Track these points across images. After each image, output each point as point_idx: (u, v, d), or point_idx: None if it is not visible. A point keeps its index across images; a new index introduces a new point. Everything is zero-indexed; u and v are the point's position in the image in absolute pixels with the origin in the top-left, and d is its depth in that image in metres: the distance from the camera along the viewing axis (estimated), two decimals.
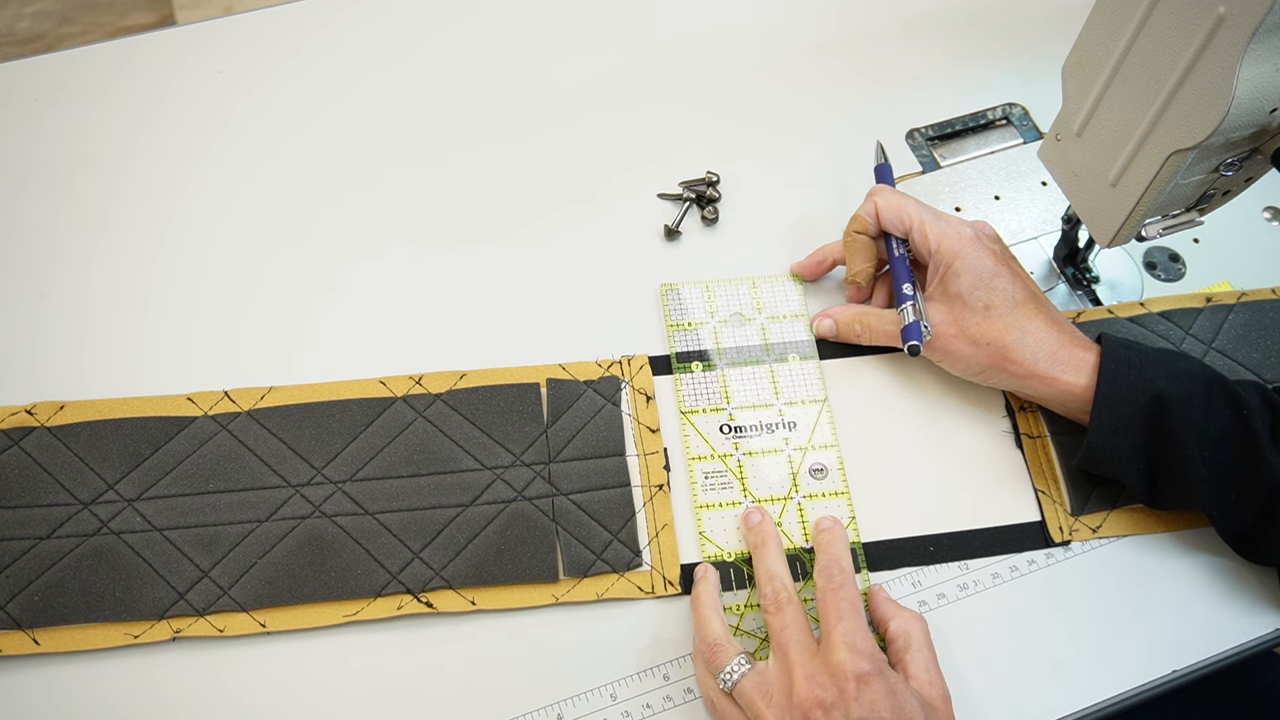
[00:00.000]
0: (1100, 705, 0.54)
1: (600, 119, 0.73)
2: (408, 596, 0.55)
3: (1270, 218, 0.70)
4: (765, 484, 0.59)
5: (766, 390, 0.61)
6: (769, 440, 0.60)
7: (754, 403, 0.61)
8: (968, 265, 0.58)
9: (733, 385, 0.62)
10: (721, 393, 0.61)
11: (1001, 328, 0.57)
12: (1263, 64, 0.47)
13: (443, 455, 0.58)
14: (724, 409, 0.61)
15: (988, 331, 0.57)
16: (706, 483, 0.59)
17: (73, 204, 0.68)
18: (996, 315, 0.57)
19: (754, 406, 0.61)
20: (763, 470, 0.59)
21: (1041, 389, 0.57)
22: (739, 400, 0.61)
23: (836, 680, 0.47)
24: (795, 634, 0.50)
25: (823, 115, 0.74)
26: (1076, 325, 0.63)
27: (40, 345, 0.63)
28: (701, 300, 0.65)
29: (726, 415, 0.61)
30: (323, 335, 0.64)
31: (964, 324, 0.58)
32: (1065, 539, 0.57)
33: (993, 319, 0.57)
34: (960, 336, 0.58)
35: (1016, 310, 0.57)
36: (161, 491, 0.57)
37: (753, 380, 0.62)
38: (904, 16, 0.79)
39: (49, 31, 1.59)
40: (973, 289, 0.57)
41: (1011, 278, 0.58)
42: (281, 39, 0.77)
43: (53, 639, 0.53)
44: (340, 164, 0.71)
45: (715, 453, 0.59)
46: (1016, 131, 0.73)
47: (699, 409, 0.61)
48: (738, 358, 0.62)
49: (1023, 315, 0.57)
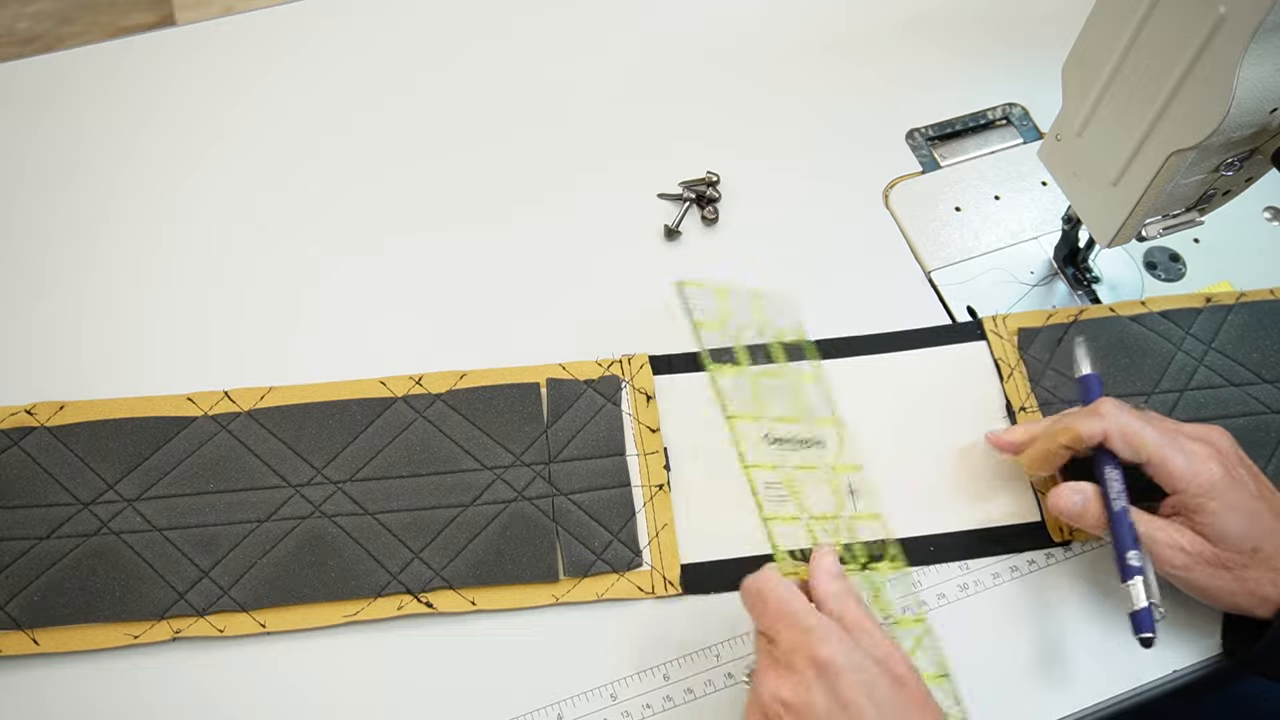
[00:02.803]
0: (1100, 705, 0.53)
1: (600, 119, 0.73)
2: (408, 597, 0.55)
3: (1270, 218, 0.70)
4: (814, 502, 0.56)
5: (792, 405, 0.59)
6: (806, 456, 0.58)
7: (784, 416, 0.59)
8: (1227, 505, 0.51)
9: (763, 394, 0.59)
10: (753, 401, 0.59)
11: (1274, 572, 0.50)
12: (1263, 64, 0.47)
13: (443, 455, 0.58)
14: (761, 418, 0.58)
15: (1254, 575, 0.50)
16: (769, 493, 0.56)
17: (72, 204, 0.68)
18: (1264, 558, 0.50)
19: (785, 421, 0.59)
20: (808, 487, 0.57)
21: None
22: (770, 410, 0.59)
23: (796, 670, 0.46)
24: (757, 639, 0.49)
25: (823, 115, 0.74)
26: (1077, 324, 0.63)
27: (40, 345, 0.63)
28: (714, 302, 0.61)
29: (765, 425, 0.58)
30: (323, 335, 0.64)
31: (1226, 561, 0.51)
32: (1065, 539, 0.57)
33: (1259, 562, 0.50)
34: (1219, 572, 0.51)
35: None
36: (161, 491, 0.57)
37: (779, 393, 0.59)
38: (904, 16, 0.79)
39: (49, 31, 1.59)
40: (1236, 533, 0.51)
41: (1271, 511, 0.52)
42: (281, 39, 0.77)
43: (52, 639, 0.53)
44: (340, 163, 0.71)
45: (766, 463, 0.57)
46: (1016, 131, 0.73)
47: (743, 414, 0.58)
48: (763, 369, 0.60)
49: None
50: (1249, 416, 0.60)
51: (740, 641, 0.55)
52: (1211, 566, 0.51)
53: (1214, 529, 0.51)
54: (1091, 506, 0.53)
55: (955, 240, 0.68)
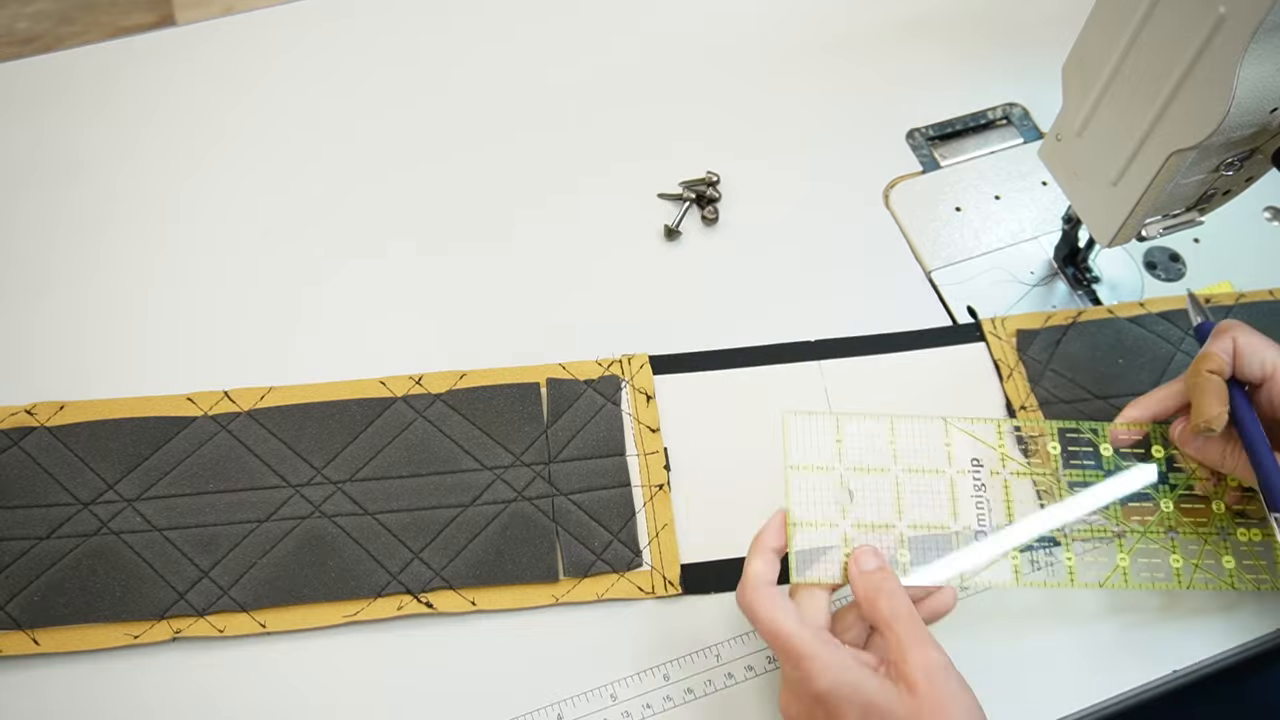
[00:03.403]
0: (1100, 705, 0.53)
1: (600, 119, 0.73)
2: (408, 597, 0.55)
3: (1270, 218, 0.70)
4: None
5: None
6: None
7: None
8: None
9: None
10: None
11: None
12: (1263, 64, 0.47)
13: (443, 455, 0.58)
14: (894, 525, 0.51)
15: None
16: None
17: (72, 204, 0.68)
18: None
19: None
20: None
21: None
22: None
23: (800, 696, 0.46)
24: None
25: (823, 115, 0.74)
26: (1077, 324, 0.63)
27: (40, 345, 0.63)
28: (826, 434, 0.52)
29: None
30: (322, 335, 0.64)
31: None
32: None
33: None
34: None
35: None
36: (161, 491, 0.57)
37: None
38: (904, 16, 0.79)
39: (49, 31, 1.59)
40: None
41: None
42: (281, 39, 0.77)
43: (52, 639, 0.53)
44: (340, 163, 0.71)
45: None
46: (1016, 131, 0.73)
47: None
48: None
49: None
50: None
51: (740, 641, 0.55)
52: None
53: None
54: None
55: (955, 240, 0.68)
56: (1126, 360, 0.62)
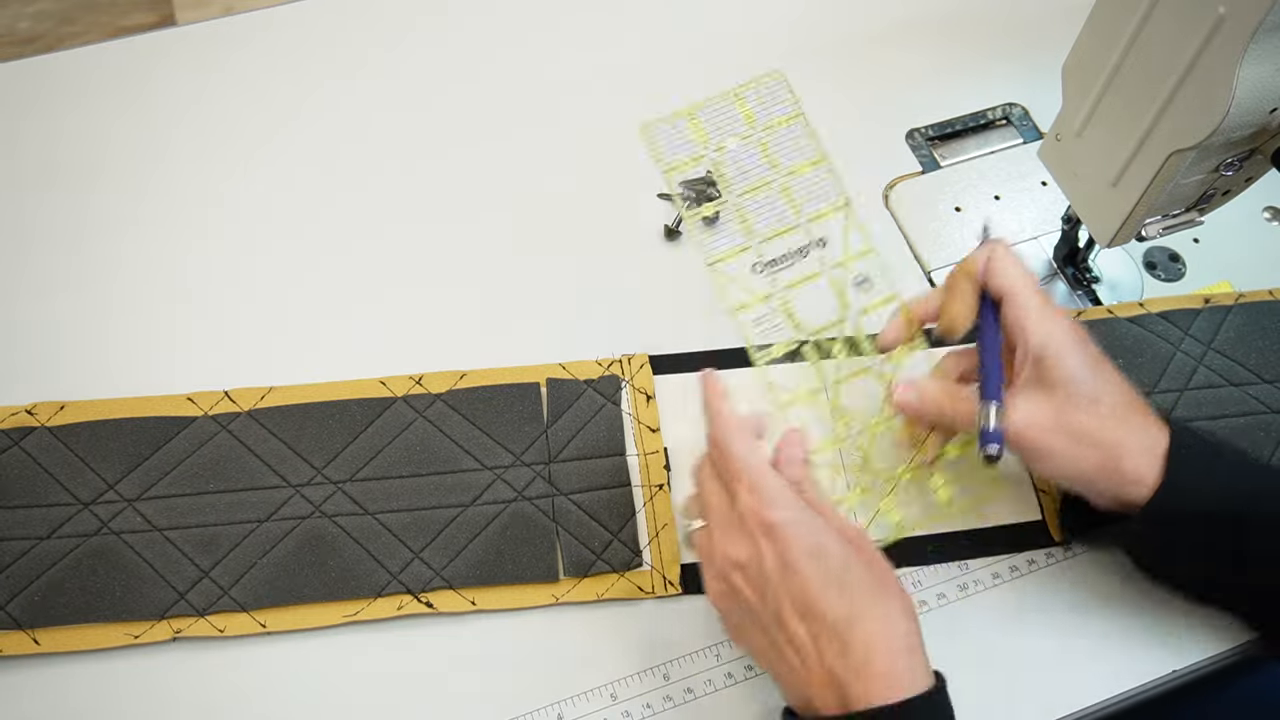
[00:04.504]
0: (1100, 705, 0.54)
1: (600, 119, 0.73)
2: (408, 596, 0.55)
3: (1270, 218, 0.70)
4: (816, 313, 0.56)
5: (786, 212, 0.55)
6: (804, 266, 0.56)
7: (777, 229, 0.55)
8: (1071, 350, 0.50)
9: (751, 217, 0.55)
10: (741, 229, 0.56)
11: (1113, 425, 0.49)
12: (1263, 64, 0.47)
13: (443, 455, 0.58)
14: (749, 247, 0.55)
15: (1095, 429, 0.49)
16: (757, 331, 0.55)
17: (72, 204, 0.68)
18: (1106, 412, 0.49)
19: (778, 234, 0.56)
20: (808, 299, 0.56)
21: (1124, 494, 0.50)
22: (762, 230, 0.55)
23: (748, 533, 0.46)
24: (713, 489, 0.49)
25: (823, 115, 0.74)
26: None
27: (41, 345, 0.63)
28: (688, 132, 0.56)
29: (754, 253, 0.56)
30: (323, 335, 0.64)
31: (1065, 417, 0.49)
32: (1065, 539, 0.57)
33: (1101, 415, 0.49)
34: (1059, 431, 0.49)
35: (1130, 408, 0.50)
36: (162, 491, 0.57)
37: (769, 205, 0.55)
38: (903, 17, 0.79)
39: (49, 31, 1.59)
40: (1078, 377, 0.49)
41: (1118, 372, 0.51)
42: (282, 39, 0.77)
43: (53, 639, 0.53)
44: (340, 163, 0.71)
45: (755, 296, 0.55)
46: (1016, 131, 0.73)
47: (724, 255, 0.56)
48: (745, 184, 0.56)
49: (1136, 414, 0.50)
50: (1248, 416, 0.60)
51: None
52: (1059, 435, 0.50)
53: (1057, 372, 0.50)
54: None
55: (955, 240, 0.68)
56: (1126, 360, 0.62)
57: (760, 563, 0.46)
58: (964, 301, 0.53)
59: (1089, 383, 0.50)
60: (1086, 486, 0.51)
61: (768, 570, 0.45)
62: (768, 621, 0.45)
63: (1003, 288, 0.52)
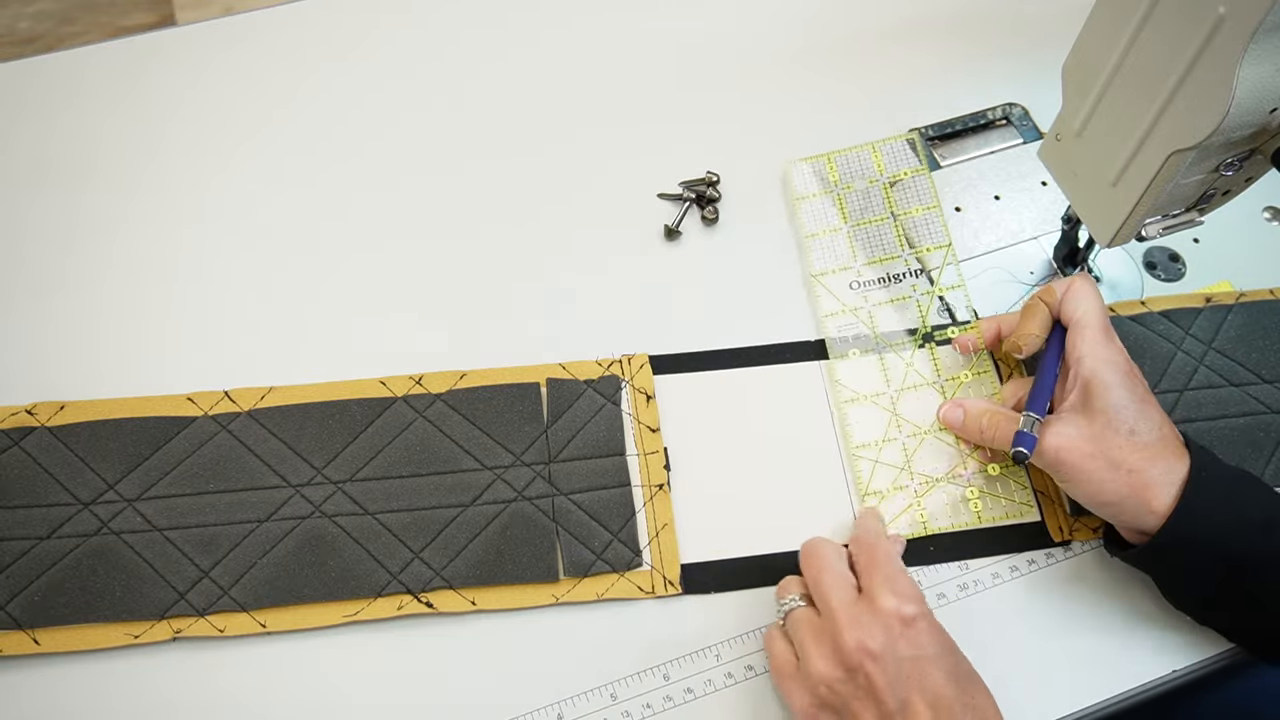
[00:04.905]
0: (1100, 705, 0.54)
1: (601, 119, 0.73)
2: (408, 596, 0.55)
3: (1270, 218, 0.70)
4: (896, 329, 0.63)
5: (893, 243, 0.65)
6: (898, 289, 0.64)
7: (880, 256, 0.65)
8: (1119, 381, 0.53)
9: (859, 242, 0.66)
10: (849, 250, 0.66)
11: (1148, 458, 0.51)
12: (1263, 64, 0.47)
13: (443, 455, 0.58)
14: (851, 267, 0.65)
15: (1128, 459, 0.51)
16: (839, 336, 0.63)
17: (72, 204, 0.68)
18: (1142, 444, 0.52)
19: (881, 260, 0.65)
20: (893, 317, 0.64)
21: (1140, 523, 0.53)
22: (867, 255, 0.65)
23: (882, 625, 0.48)
24: (834, 580, 0.51)
25: (823, 115, 0.74)
26: None
27: (40, 345, 0.63)
28: (824, 171, 0.68)
29: (854, 273, 0.65)
30: (323, 335, 0.64)
31: (1103, 443, 0.52)
32: (1065, 539, 0.57)
33: (1136, 447, 0.52)
34: (1096, 456, 0.52)
35: (1164, 444, 0.52)
36: (162, 491, 0.57)
37: (879, 236, 0.66)
38: (904, 16, 0.79)
39: (49, 31, 1.59)
40: (1120, 407, 0.52)
41: (1161, 411, 0.54)
42: (282, 39, 0.77)
43: (53, 639, 0.53)
44: (340, 164, 0.71)
45: (845, 307, 0.64)
46: (1016, 131, 0.73)
47: (827, 270, 0.65)
48: (863, 217, 0.67)
49: (1169, 451, 0.52)
50: (1248, 416, 0.60)
51: (740, 641, 0.55)
52: (1097, 461, 0.52)
53: (1101, 401, 0.53)
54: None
55: (955, 240, 0.68)
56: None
57: (895, 651, 0.48)
58: (1037, 323, 0.57)
59: (1130, 414, 0.52)
60: (1114, 514, 0.53)
61: (902, 658, 0.48)
62: (891, 709, 0.47)
63: (1073, 315, 0.56)
